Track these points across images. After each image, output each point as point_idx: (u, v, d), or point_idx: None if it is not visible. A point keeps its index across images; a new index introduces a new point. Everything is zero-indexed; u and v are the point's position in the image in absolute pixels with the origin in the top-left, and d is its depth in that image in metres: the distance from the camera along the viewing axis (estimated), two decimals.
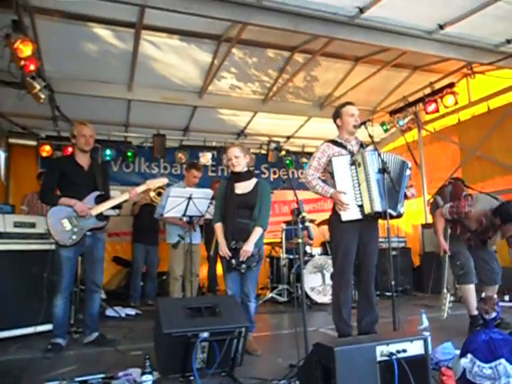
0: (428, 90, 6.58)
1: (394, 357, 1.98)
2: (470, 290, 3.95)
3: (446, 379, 2.17)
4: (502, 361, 2.22)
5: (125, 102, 6.59)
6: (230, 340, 2.59)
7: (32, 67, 4.42)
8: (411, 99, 6.92)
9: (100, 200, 3.58)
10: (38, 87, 4.92)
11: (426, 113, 6.66)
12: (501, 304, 5.05)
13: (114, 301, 5.99)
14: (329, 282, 5.72)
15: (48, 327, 3.74)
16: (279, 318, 5.01)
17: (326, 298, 5.61)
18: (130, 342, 3.77)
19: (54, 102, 6.05)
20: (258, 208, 3.39)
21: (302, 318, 2.62)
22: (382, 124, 7.33)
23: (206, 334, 2.54)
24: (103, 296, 5.84)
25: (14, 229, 3.91)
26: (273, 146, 3.28)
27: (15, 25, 4.08)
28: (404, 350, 2.04)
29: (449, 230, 4.10)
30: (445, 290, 3.96)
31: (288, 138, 8.52)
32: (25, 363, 3.09)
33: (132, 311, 5.33)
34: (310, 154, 8.57)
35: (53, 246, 3.56)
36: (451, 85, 6.18)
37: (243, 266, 3.27)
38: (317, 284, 5.73)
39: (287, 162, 8.14)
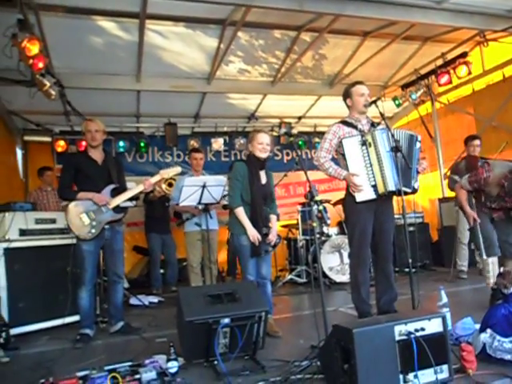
0: (440, 62, 6.41)
1: (412, 336, 2.00)
2: (493, 262, 3.94)
3: (465, 355, 2.18)
4: None
5: (134, 93, 6.62)
6: (250, 325, 2.64)
7: (41, 65, 4.46)
8: (423, 72, 6.77)
9: (116, 193, 3.66)
10: (48, 84, 4.97)
11: (439, 85, 6.50)
12: None
13: (137, 289, 6.14)
14: (347, 261, 5.74)
15: (75, 318, 3.88)
16: (299, 299, 5.07)
17: (344, 277, 5.64)
18: (155, 329, 3.88)
19: (64, 98, 6.09)
20: (272, 199, 3.54)
21: (321, 299, 2.66)
22: (394, 99, 7.19)
23: (227, 320, 2.60)
24: (126, 285, 6.00)
25: (35, 225, 4.03)
26: (282, 131, 3.26)
27: (21, 24, 4.11)
28: (422, 329, 2.06)
29: (473, 200, 4.11)
30: (484, 257, 3.95)
31: (299, 118, 8.46)
32: (56, 354, 3.22)
33: (155, 299, 5.45)
34: (322, 134, 8.44)
35: (74, 241, 3.65)
36: (464, 54, 6.01)
37: (270, 249, 3.42)
38: (335, 264, 5.76)
39: (299, 143, 8.10)
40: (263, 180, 3.51)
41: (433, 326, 2.09)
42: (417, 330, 2.04)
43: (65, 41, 5.12)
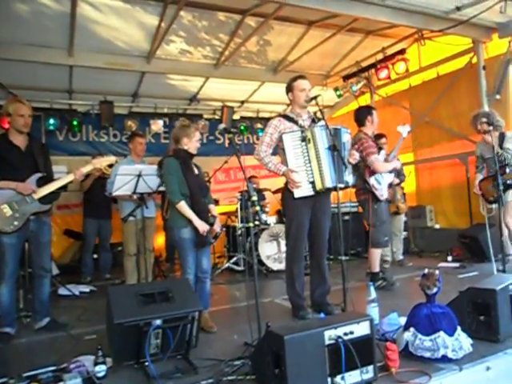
0: (380, 56, 6.59)
1: (340, 340, 2.05)
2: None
3: (390, 354, 2.28)
4: (441, 333, 2.37)
5: (66, 68, 6.17)
6: (183, 325, 2.59)
7: None
8: (364, 64, 6.93)
9: (42, 182, 3.38)
10: None
11: (378, 79, 6.69)
12: (444, 265, 5.43)
13: (68, 275, 5.88)
14: (284, 249, 5.81)
15: None
16: (236, 289, 5.08)
17: (281, 265, 5.70)
18: (84, 324, 3.71)
19: None
20: (207, 188, 3.50)
21: (255, 296, 2.67)
22: (336, 89, 7.32)
23: (158, 322, 2.52)
24: (56, 271, 5.70)
25: None
26: (221, 126, 3.13)
27: None
28: (351, 332, 2.11)
29: None
30: None
31: (242, 102, 8.37)
32: None
33: (86, 288, 5.22)
34: (264, 119, 8.51)
35: None
36: (402, 51, 6.22)
37: (213, 240, 3.39)
38: (272, 252, 5.84)
39: (241, 128, 8.03)
40: (196, 171, 3.43)
41: (361, 329, 2.16)
42: (346, 334, 2.09)
43: None
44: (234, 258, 6.10)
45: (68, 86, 6.75)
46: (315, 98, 3.34)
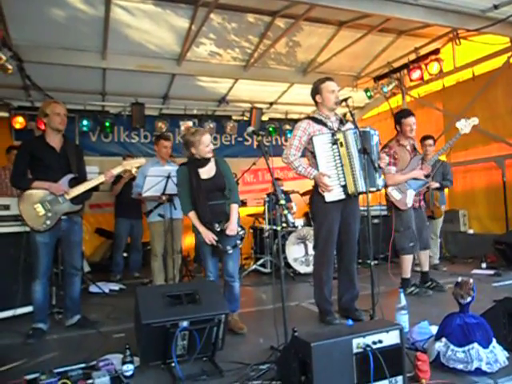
0: (413, 56, 6.43)
1: (369, 349, 2.00)
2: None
3: (420, 364, 2.21)
4: (475, 345, 2.28)
5: (100, 71, 6.31)
6: (209, 327, 2.59)
7: None
8: (396, 65, 6.78)
9: (74, 183, 3.46)
10: (4, 58, 4.69)
11: (411, 80, 6.53)
12: (478, 272, 5.24)
13: (99, 273, 6.00)
14: (311, 252, 5.76)
15: (28, 309, 3.72)
16: (263, 291, 5.06)
17: (308, 268, 5.68)
18: (113, 322, 3.78)
19: (23, 72, 5.76)
20: (228, 188, 3.34)
21: (281, 300, 2.64)
22: (366, 90, 7.19)
23: (185, 324, 2.54)
24: (87, 268, 5.85)
25: None
26: (250, 129, 3.11)
27: None
28: (380, 341, 2.06)
29: None
30: None
31: (271, 104, 8.34)
32: (5, 350, 3.08)
33: (116, 286, 5.33)
34: (293, 121, 8.46)
35: (28, 228, 3.46)
36: (436, 51, 6.04)
37: (228, 247, 3.24)
38: (300, 255, 5.79)
39: (270, 129, 8.03)
40: (209, 174, 3.31)
41: (390, 338, 2.10)
42: (374, 343, 2.04)
43: (24, 11, 4.77)
44: (261, 260, 6.08)
45: (101, 88, 6.91)
46: (346, 100, 3.28)
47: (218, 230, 3.23)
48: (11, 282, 3.75)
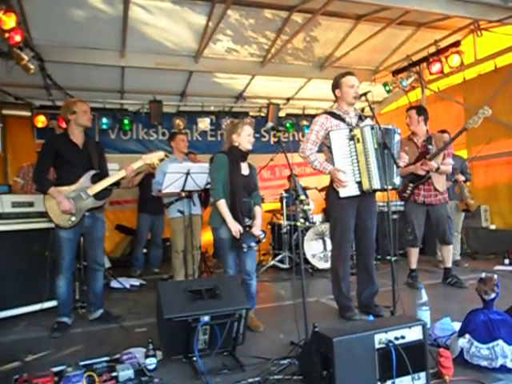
0: (433, 49, 6.31)
1: (391, 344, 1.99)
2: None
3: (443, 360, 2.19)
4: (500, 342, 2.25)
5: (118, 69, 6.38)
6: (230, 322, 2.62)
7: (18, 38, 4.26)
8: (415, 58, 6.67)
9: (96, 179, 3.53)
10: (27, 58, 4.76)
11: (431, 73, 6.41)
12: (500, 268, 5.16)
13: (119, 269, 6.10)
14: (330, 248, 5.74)
15: (54, 303, 3.80)
16: (281, 287, 5.07)
17: (326, 264, 5.66)
18: (135, 317, 3.85)
19: (45, 71, 5.87)
20: (255, 192, 3.41)
21: (302, 295, 2.64)
22: (385, 85, 7.09)
23: (206, 318, 2.57)
24: (108, 264, 5.94)
25: (12, 209, 3.89)
26: (269, 125, 3.13)
27: None
28: (402, 337, 2.05)
29: None
30: None
31: (288, 99, 8.31)
32: (32, 343, 3.16)
33: (136, 282, 5.40)
34: (310, 116, 8.42)
35: (52, 225, 3.53)
36: (457, 43, 5.91)
37: (244, 245, 3.23)
38: (318, 251, 5.78)
39: (287, 125, 8.00)
40: (245, 171, 3.36)
41: (413, 334, 2.09)
42: (397, 339, 2.03)
43: (45, 12, 4.86)
44: (279, 256, 6.09)
45: (120, 86, 6.99)
46: (365, 94, 3.25)
47: (247, 224, 3.27)
48: (38, 277, 3.84)
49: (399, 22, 5.79)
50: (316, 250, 5.77)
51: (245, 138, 3.30)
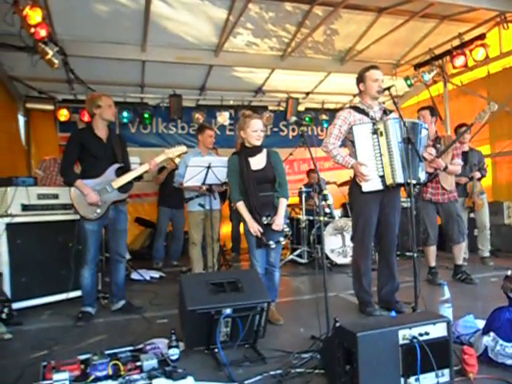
0: (456, 42, 6.18)
1: (415, 340, 1.98)
2: None
3: (467, 358, 2.17)
4: None
5: (139, 63, 6.44)
6: (252, 315, 2.64)
7: (43, 33, 4.34)
8: (438, 51, 6.55)
9: (121, 172, 3.58)
10: (51, 53, 4.83)
11: (454, 67, 6.28)
12: None
13: (138, 261, 6.19)
14: (349, 243, 5.72)
15: (78, 293, 3.89)
16: (300, 282, 5.08)
17: (345, 259, 5.65)
18: (156, 308, 3.90)
19: (67, 66, 5.95)
20: (278, 182, 3.31)
21: (324, 289, 2.64)
22: (406, 78, 6.99)
23: (228, 311, 2.59)
24: (128, 256, 6.03)
25: (37, 201, 3.98)
26: (293, 119, 3.13)
27: None
28: (427, 333, 2.04)
29: None
30: None
31: (307, 93, 8.26)
32: (58, 331, 3.24)
33: (156, 274, 5.49)
34: (329, 111, 8.37)
35: (76, 216, 3.59)
36: (482, 36, 5.78)
37: (271, 242, 3.22)
38: (337, 246, 5.76)
39: (306, 119, 7.96)
40: (259, 165, 3.30)
41: (437, 331, 2.07)
42: (421, 335, 2.02)
43: (68, 7, 4.93)
44: (298, 251, 6.10)
45: (140, 80, 7.05)
46: (388, 88, 3.22)
47: (265, 223, 3.24)
48: (62, 268, 3.94)
49: (422, 14, 5.68)
50: (335, 245, 5.75)
51: (251, 134, 3.27)
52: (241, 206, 3.27)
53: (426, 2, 5.18)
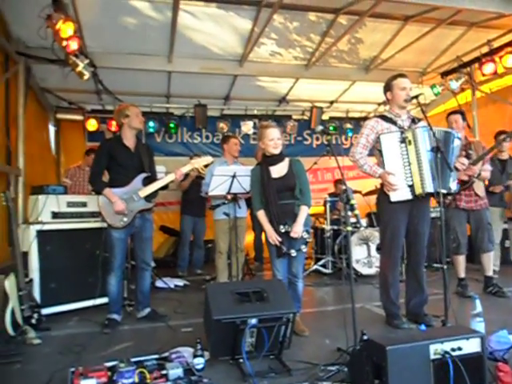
0: (485, 49, 6.05)
1: (448, 355, 1.92)
2: None
3: (502, 375, 2.09)
4: None
5: (165, 74, 6.54)
6: (278, 326, 2.62)
7: (74, 46, 4.45)
8: (466, 59, 6.42)
9: (147, 182, 3.64)
10: (82, 65, 4.95)
11: (483, 74, 6.14)
12: None
13: (163, 269, 6.23)
14: (374, 254, 5.65)
15: (105, 300, 3.94)
16: (324, 292, 5.02)
17: (371, 270, 5.57)
18: (180, 317, 3.92)
19: (96, 77, 6.11)
20: (299, 189, 3.28)
21: (351, 303, 2.59)
22: (433, 86, 6.88)
23: (254, 321, 2.58)
24: (153, 264, 6.09)
25: (67, 208, 4.09)
26: (319, 128, 3.14)
27: (55, 4, 4.09)
28: (459, 348, 1.98)
29: None
30: None
31: (331, 102, 8.21)
32: (85, 338, 3.29)
33: (180, 282, 5.51)
34: (354, 120, 8.32)
35: (104, 224, 3.65)
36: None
37: (292, 250, 3.21)
38: (362, 256, 5.67)
39: (331, 128, 7.93)
40: (280, 173, 3.30)
41: (471, 346, 2.01)
42: (453, 350, 1.96)
43: (98, 21, 5.07)
44: (322, 261, 6.03)
45: (166, 90, 7.17)
46: (416, 97, 3.18)
47: (283, 231, 3.22)
48: (90, 275, 4.01)
49: (450, 21, 5.60)
50: (360, 256, 5.67)
51: (268, 143, 3.30)
52: (261, 216, 3.29)
53: (453, 10, 5.10)
